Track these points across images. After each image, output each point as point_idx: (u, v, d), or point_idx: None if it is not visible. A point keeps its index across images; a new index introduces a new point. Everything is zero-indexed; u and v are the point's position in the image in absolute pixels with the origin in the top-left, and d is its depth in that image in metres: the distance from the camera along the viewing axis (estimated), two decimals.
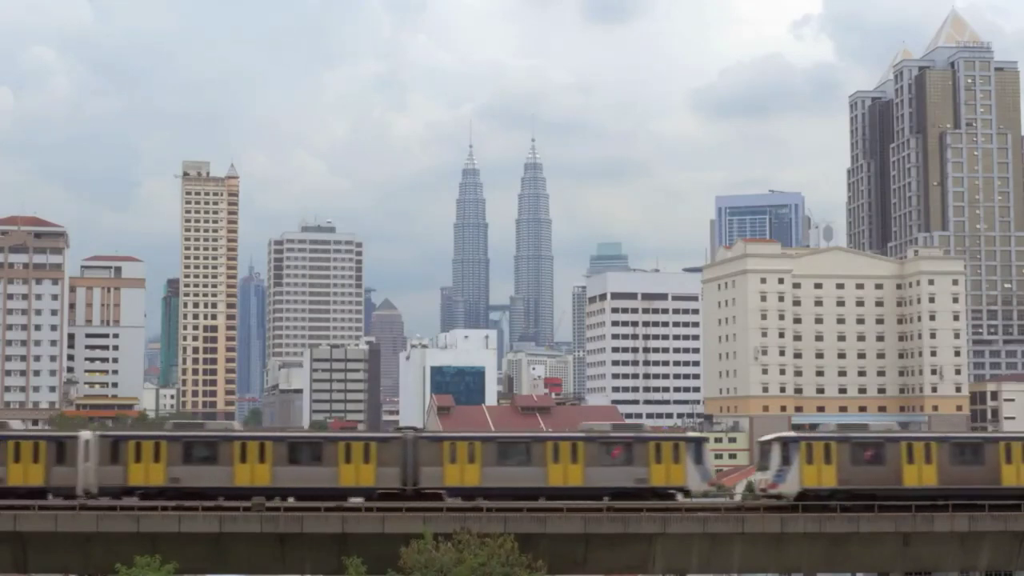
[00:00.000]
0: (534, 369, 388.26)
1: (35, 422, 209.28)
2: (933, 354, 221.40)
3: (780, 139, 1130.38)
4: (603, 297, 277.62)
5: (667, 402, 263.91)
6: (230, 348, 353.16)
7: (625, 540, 64.60)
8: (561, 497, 66.05)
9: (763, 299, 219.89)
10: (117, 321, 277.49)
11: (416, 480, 66.84)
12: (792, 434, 70.37)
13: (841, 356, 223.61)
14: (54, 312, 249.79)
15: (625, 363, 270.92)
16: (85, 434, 67.86)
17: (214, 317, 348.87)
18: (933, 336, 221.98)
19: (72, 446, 66.13)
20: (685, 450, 67.81)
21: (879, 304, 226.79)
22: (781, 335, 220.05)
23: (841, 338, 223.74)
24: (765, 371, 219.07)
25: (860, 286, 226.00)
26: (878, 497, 66.45)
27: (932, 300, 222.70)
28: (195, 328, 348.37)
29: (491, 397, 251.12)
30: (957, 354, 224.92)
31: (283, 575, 65.26)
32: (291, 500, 66.33)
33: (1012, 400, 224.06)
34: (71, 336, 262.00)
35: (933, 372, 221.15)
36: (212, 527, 63.00)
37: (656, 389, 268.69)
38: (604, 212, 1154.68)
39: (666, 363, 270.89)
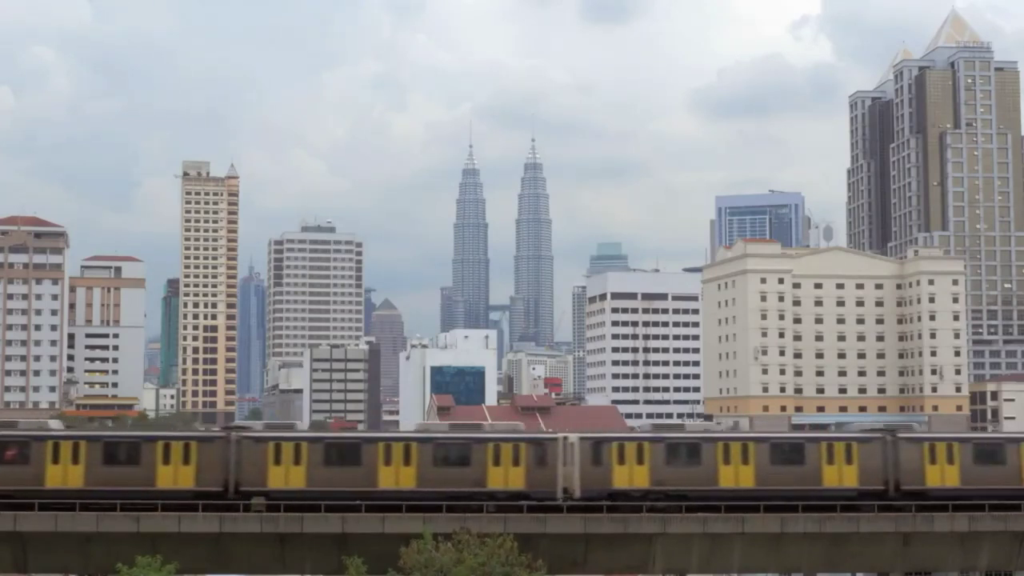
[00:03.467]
0: (534, 369, 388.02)
1: None
2: (933, 354, 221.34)
3: (780, 139, 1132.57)
4: (603, 297, 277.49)
5: (667, 402, 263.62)
6: (230, 348, 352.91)
7: (625, 540, 64.53)
8: None
9: (763, 299, 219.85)
10: (117, 321, 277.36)
11: None
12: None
13: (841, 356, 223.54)
14: (54, 312, 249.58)
15: (625, 363, 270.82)
16: None
17: (214, 317, 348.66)
18: (933, 336, 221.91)
19: None
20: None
21: (879, 304, 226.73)
22: (781, 335, 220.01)
23: (841, 338, 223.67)
24: (765, 371, 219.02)
25: (860, 286, 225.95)
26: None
27: (932, 300, 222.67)
28: (195, 328, 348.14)
29: (491, 397, 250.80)
30: (957, 354, 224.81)
31: (283, 575, 65.24)
32: None
33: (1012, 400, 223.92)
34: (71, 336, 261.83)
35: (933, 372, 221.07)
36: (212, 527, 63.01)
37: (656, 389, 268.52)
38: (604, 212, 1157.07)
39: (666, 363, 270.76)
